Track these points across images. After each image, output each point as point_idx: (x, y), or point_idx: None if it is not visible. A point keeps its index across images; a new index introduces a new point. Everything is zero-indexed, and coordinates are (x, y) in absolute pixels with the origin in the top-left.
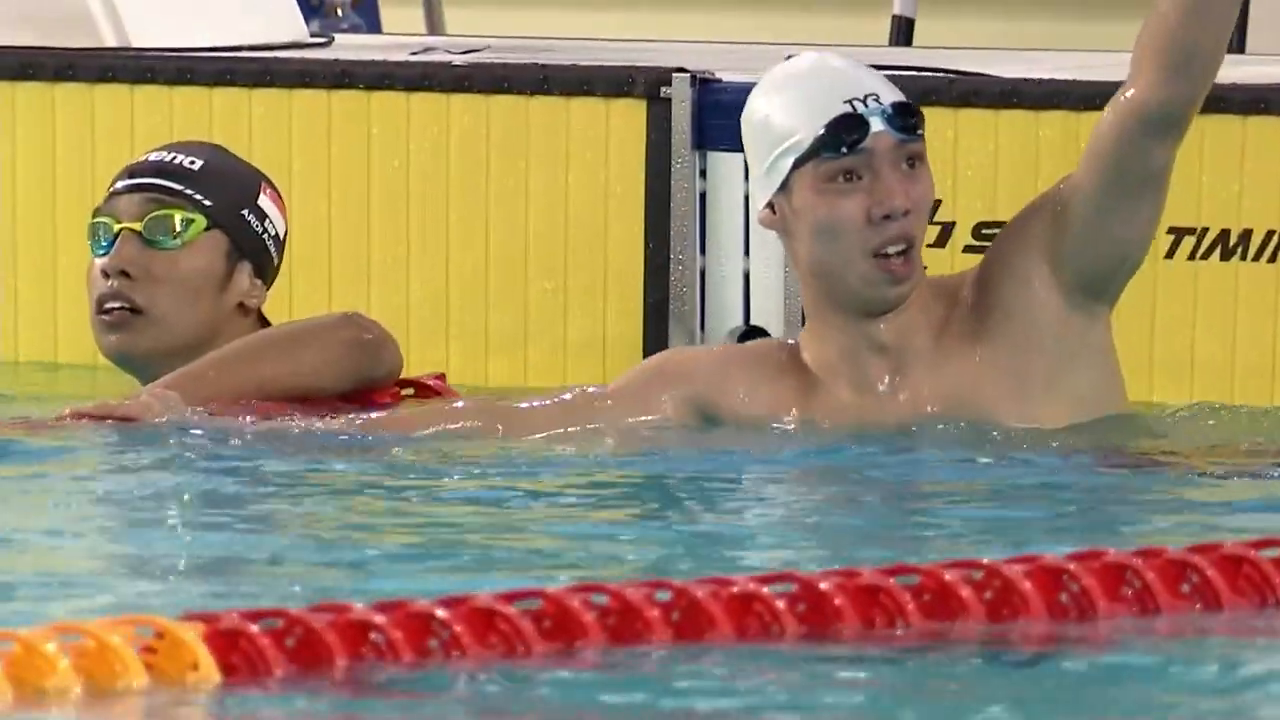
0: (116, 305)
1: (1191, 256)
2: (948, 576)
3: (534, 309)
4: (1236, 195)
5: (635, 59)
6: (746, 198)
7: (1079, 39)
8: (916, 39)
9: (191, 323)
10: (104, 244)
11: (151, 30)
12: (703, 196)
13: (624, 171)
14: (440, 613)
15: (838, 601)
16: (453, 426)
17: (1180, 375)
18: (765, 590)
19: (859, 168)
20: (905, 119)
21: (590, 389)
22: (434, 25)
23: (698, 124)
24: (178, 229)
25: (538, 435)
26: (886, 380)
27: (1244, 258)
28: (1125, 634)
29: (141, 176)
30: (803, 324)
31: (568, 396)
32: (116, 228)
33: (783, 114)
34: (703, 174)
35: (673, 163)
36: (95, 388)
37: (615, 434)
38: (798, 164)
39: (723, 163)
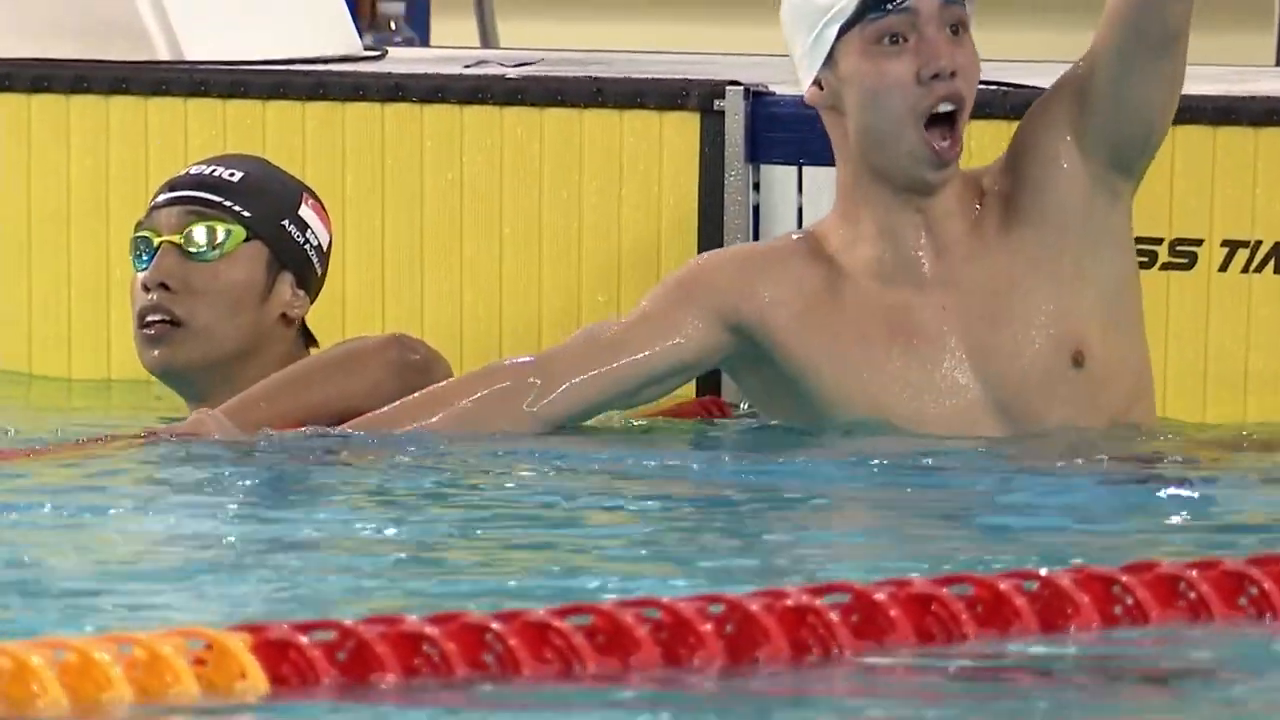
0: (157, 318)
1: (1245, 269)
2: (1002, 586)
3: (588, 321)
4: None
5: (689, 72)
6: (800, 210)
7: None
8: None
9: (233, 334)
10: (145, 258)
11: (205, 44)
12: (756, 209)
13: (677, 184)
14: (495, 625)
15: (892, 613)
16: (485, 394)
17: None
18: (819, 602)
19: (904, 29)
20: None
21: (612, 322)
22: (487, 38)
23: (751, 137)
24: (217, 240)
25: (574, 384)
26: (922, 267)
27: None
28: (1179, 644)
29: (181, 189)
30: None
31: (593, 333)
32: (156, 241)
33: None
34: (756, 187)
35: (726, 176)
36: (149, 403)
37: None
38: (843, 30)
39: (776, 176)
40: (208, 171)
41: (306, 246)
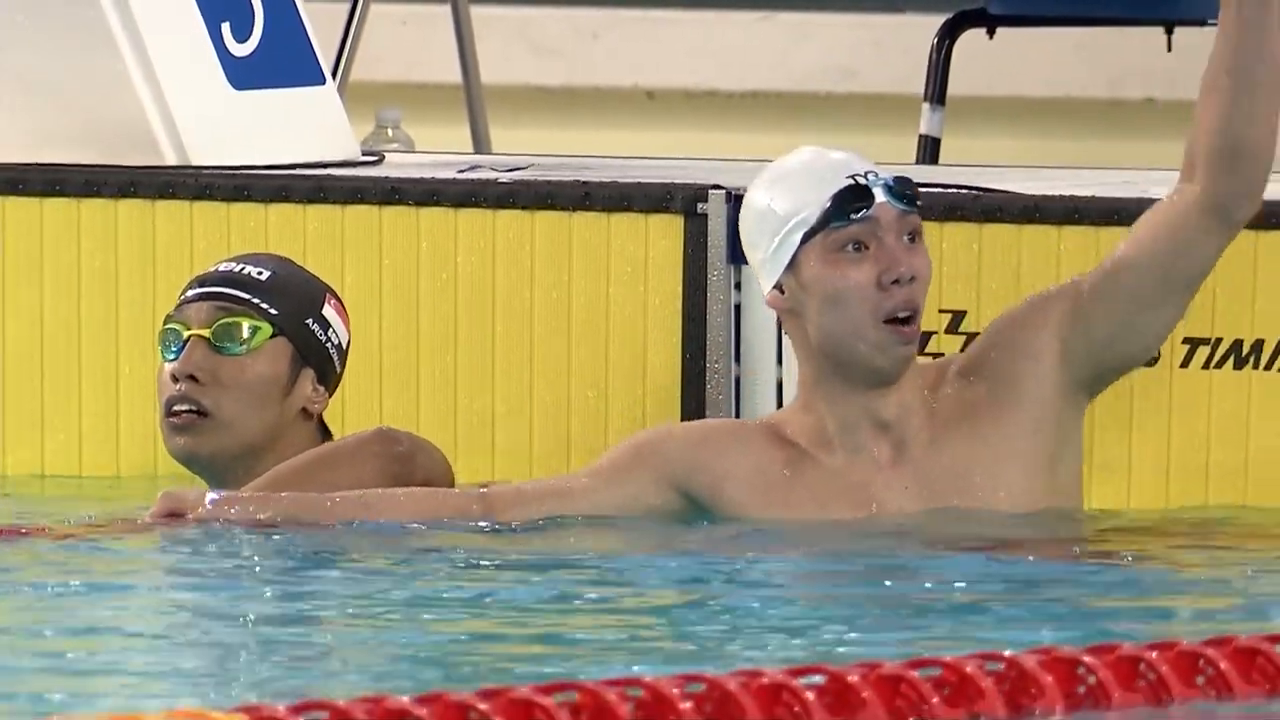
0: (184, 408)
1: (1206, 365)
2: (969, 668)
3: (576, 416)
4: (1249, 307)
5: (673, 176)
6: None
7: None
8: (942, 157)
9: (256, 426)
10: (174, 349)
11: (210, 150)
12: (737, 308)
13: (662, 283)
14: (481, 705)
15: (864, 694)
16: (447, 512)
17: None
18: (795, 682)
19: (865, 237)
20: (905, 191)
21: (567, 476)
22: (480, 144)
23: (733, 239)
24: (245, 336)
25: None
26: (884, 454)
27: (1256, 367)
28: None
29: (211, 285)
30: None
31: (552, 483)
32: (186, 334)
33: (787, 197)
34: (737, 286)
35: (709, 275)
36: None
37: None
38: (806, 238)
39: (755, 277)
40: (237, 269)
41: (328, 345)
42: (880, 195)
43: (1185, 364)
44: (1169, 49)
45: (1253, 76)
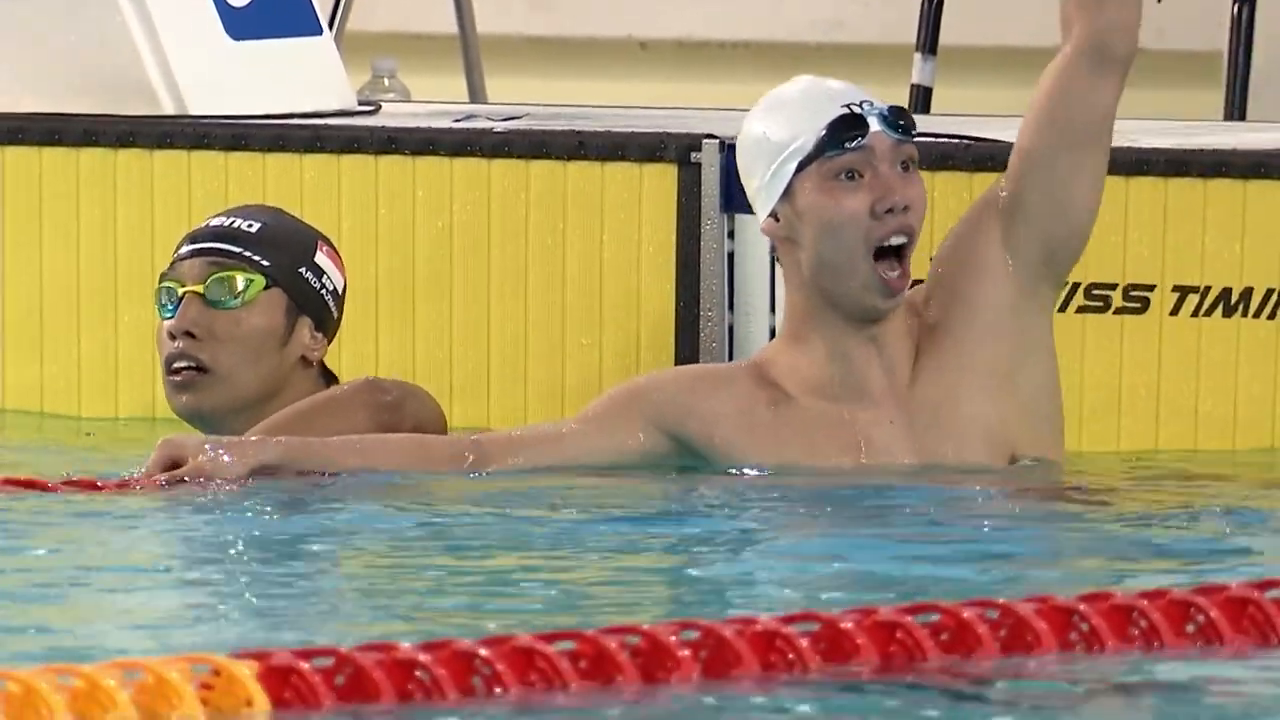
0: (184, 365)
1: (1195, 314)
2: (965, 614)
3: (570, 363)
4: (1238, 255)
5: (666, 126)
6: (772, 257)
7: None
8: (933, 107)
9: (256, 378)
10: (169, 307)
11: (208, 99)
12: (730, 256)
13: (656, 233)
14: (483, 652)
15: (859, 640)
16: (440, 459)
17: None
18: (788, 629)
19: (860, 165)
20: (900, 120)
21: (559, 422)
22: (475, 94)
23: (726, 187)
24: (238, 289)
25: (517, 469)
26: (870, 387)
27: (1245, 315)
28: (1133, 670)
29: (202, 241)
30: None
31: (536, 426)
32: (181, 291)
33: (783, 125)
34: (731, 235)
35: (702, 224)
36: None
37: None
38: (801, 166)
39: (750, 224)
40: (227, 223)
41: (323, 292)
42: (875, 124)
43: (1175, 312)
44: (1158, 0)
45: None
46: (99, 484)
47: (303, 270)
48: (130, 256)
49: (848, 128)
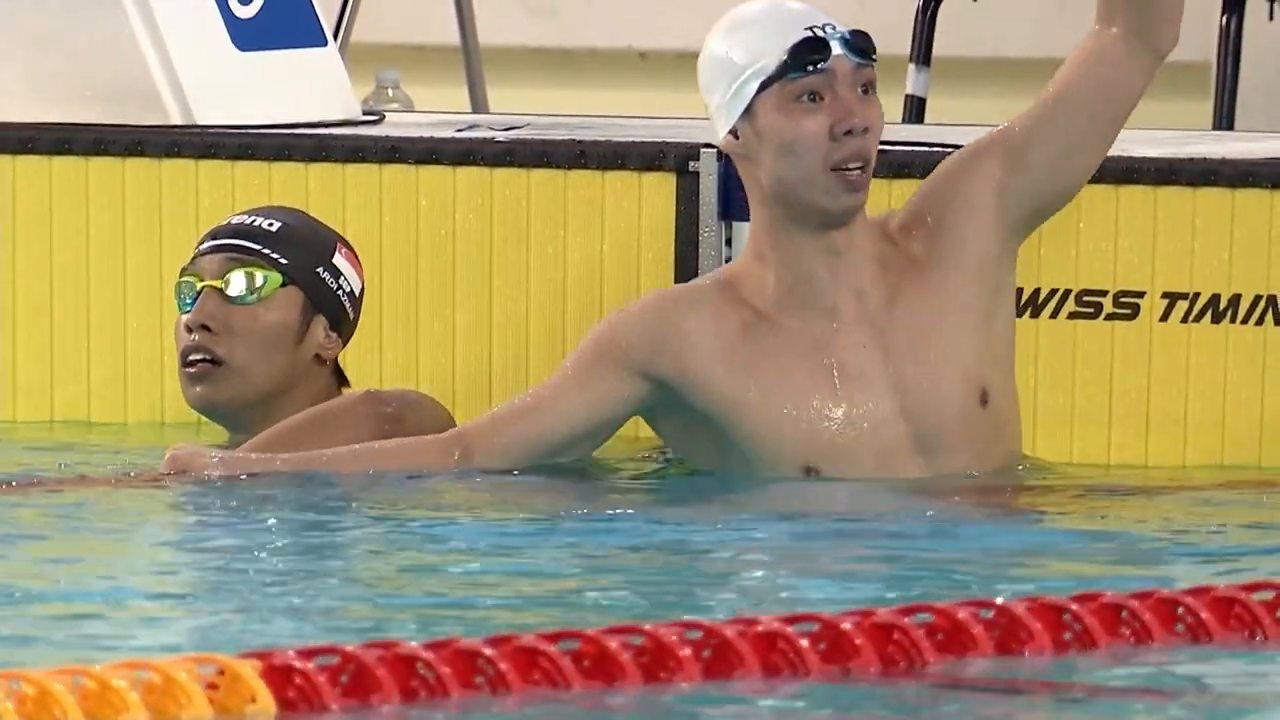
0: (199, 358)
1: (1185, 320)
2: (961, 615)
3: None
4: (1227, 263)
5: (665, 135)
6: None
7: None
8: (927, 117)
9: (269, 373)
10: (188, 301)
11: (215, 109)
12: (728, 263)
13: (655, 240)
14: (487, 651)
15: (858, 641)
16: (429, 456)
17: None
18: (790, 629)
19: (821, 88)
20: (861, 44)
21: (537, 389)
22: (478, 104)
23: (724, 196)
24: (255, 285)
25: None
26: (840, 306)
27: (1233, 321)
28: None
29: (223, 238)
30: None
31: (513, 401)
32: (199, 285)
33: (746, 45)
34: (728, 242)
35: (700, 232)
36: (162, 445)
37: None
38: (763, 86)
39: (747, 232)
40: (248, 222)
41: (339, 292)
42: (837, 48)
43: (1164, 318)
44: None
45: None
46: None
47: (320, 270)
48: (139, 264)
49: (810, 50)
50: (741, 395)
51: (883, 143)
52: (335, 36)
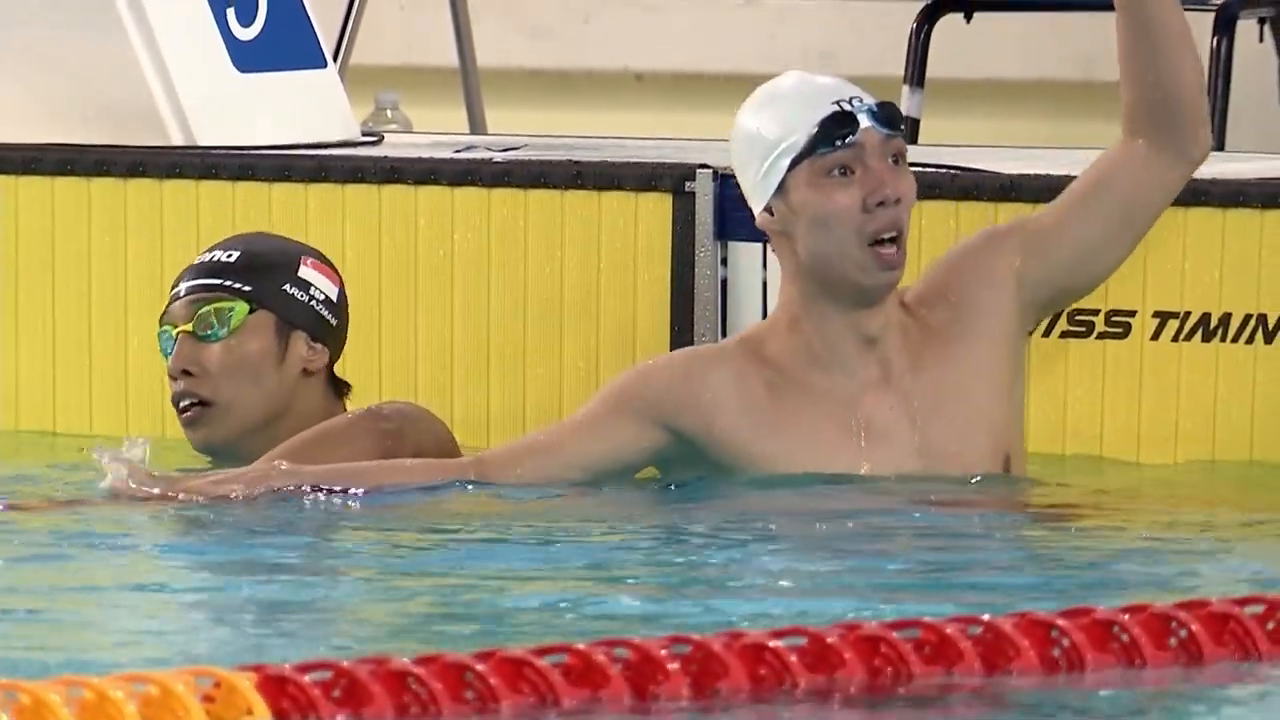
0: (188, 403)
1: (1175, 338)
2: (948, 630)
3: (568, 386)
4: (1217, 282)
5: (661, 156)
6: (764, 283)
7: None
8: (921, 138)
9: (259, 400)
10: (168, 350)
11: (216, 130)
12: (724, 283)
13: (651, 259)
14: (477, 665)
15: (845, 655)
16: (445, 479)
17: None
18: (777, 643)
19: (851, 161)
20: (889, 116)
21: (558, 427)
22: (476, 125)
23: (720, 216)
24: (224, 320)
25: (521, 481)
26: (868, 373)
27: (1223, 340)
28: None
29: (186, 281)
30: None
31: (534, 437)
32: (174, 332)
33: (776, 121)
34: (724, 262)
35: (697, 252)
36: (162, 458)
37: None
38: (794, 163)
39: (743, 252)
40: (208, 259)
41: (312, 303)
42: (865, 121)
43: (1155, 337)
44: None
45: (1168, 29)
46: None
47: (287, 287)
48: (140, 283)
49: (839, 125)
50: (767, 452)
51: None
52: (335, 58)
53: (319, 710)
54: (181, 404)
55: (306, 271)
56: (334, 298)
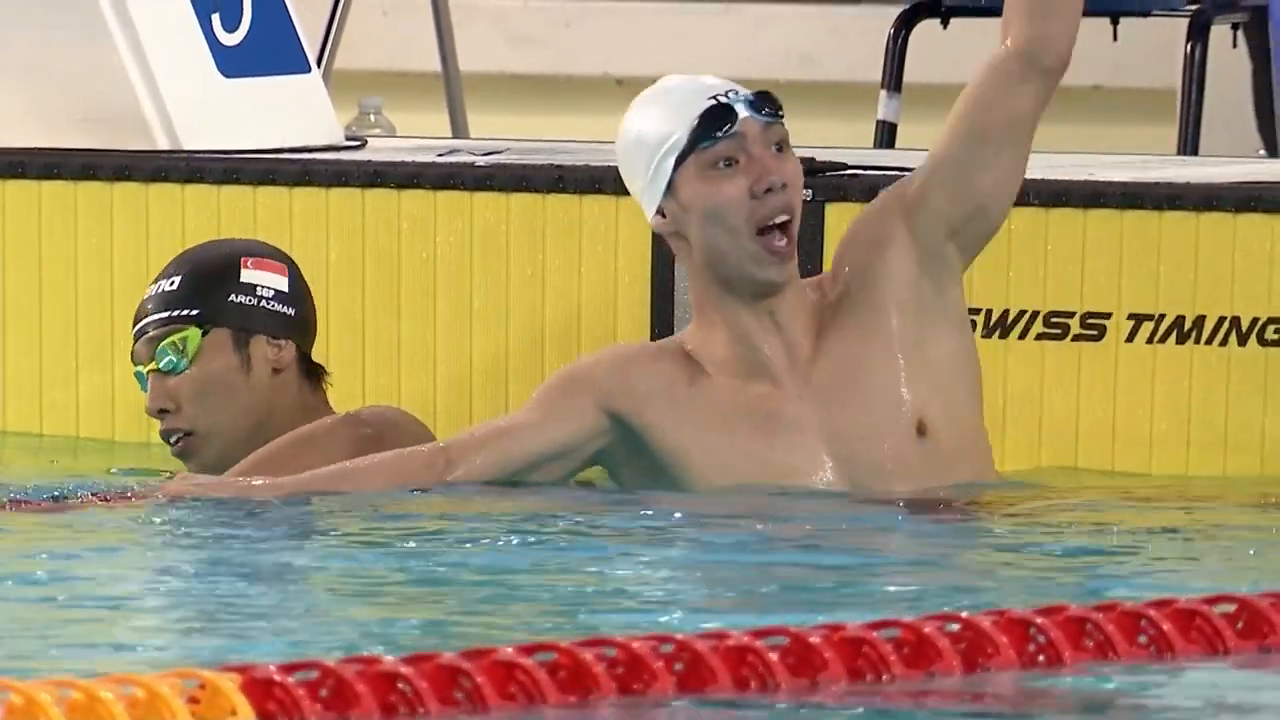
0: (173, 438)
1: (1150, 341)
2: (927, 629)
3: None
4: (1191, 284)
5: None
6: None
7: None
8: (899, 142)
9: (238, 414)
10: (145, 389)
11: (201, 135)
12: None
13: (632, 262)
14: (465, 665)
15: (826, 655)
16: (415, 470)
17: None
18: (759, 643)
19: (734, 152)
20: (767, 104)
21: (513, 414)
22: (458, 129)
23: None
24: (181, 350)
25: (473, 465)
26: (775, 364)
27: (1197, 342)
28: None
29: (140, 321)
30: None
31: (492, 422)
32: (145, 372)
33: (656, 123)
34: None
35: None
36: (148, 462)
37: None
38: (679, 161)
39: None
40: (154, 293)
41: (262, 304)
42: (743, 111)
43: (1130, 339)
44: (1114, 39)
45: None
46: (105, 498)
47: (233, 297)
48: (126, 285)
49: (717, 117)
50: (686, 448)
51: (856, 168)
52: (319, 63)
53: (304, 711)
54: (169, 440)
55: (249, 274)
56: (284, 288)
